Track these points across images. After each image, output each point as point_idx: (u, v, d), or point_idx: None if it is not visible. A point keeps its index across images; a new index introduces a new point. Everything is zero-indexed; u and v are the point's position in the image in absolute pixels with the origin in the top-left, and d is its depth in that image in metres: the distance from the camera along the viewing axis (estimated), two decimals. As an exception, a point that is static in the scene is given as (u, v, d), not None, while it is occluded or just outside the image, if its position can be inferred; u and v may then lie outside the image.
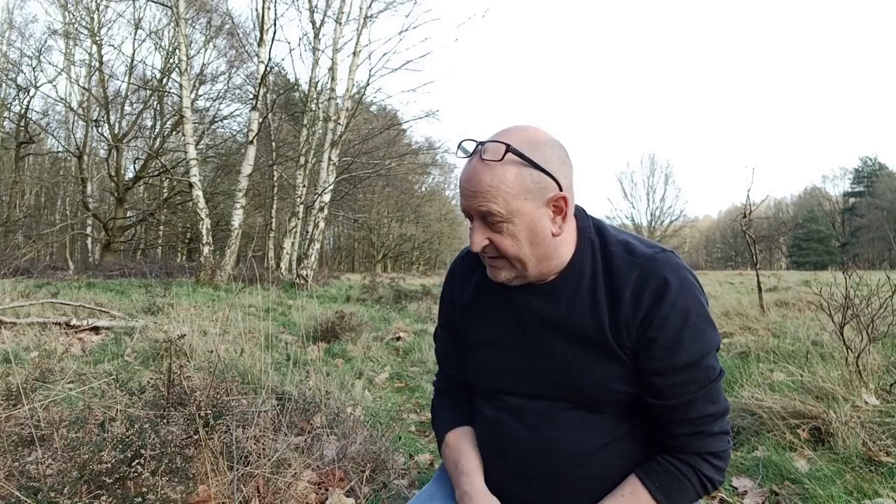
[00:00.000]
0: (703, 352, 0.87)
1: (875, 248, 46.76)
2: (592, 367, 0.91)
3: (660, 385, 0.88)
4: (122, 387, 1.97)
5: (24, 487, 1.36)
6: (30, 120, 19.15)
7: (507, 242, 0.88)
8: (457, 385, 1.13)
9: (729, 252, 57.06)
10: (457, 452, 1.03)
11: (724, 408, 0.91)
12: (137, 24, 20.08)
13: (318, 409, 2.28)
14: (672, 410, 0.89)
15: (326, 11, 14.00)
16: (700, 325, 0.87)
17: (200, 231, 11.56)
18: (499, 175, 0.84)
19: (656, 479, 0.90)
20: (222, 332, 4.05)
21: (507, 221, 0.86)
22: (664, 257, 0.90)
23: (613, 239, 0.94)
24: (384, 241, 35.84)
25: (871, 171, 52.47)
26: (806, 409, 2.38)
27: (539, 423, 0.95)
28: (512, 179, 0.84)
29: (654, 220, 52.27)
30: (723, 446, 0.91)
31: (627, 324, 0.88)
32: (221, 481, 1.65)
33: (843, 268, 3.49)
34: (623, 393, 0.91)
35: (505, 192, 0.84)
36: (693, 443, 0.90)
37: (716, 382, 0.89)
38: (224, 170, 21.85)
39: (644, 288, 0.87)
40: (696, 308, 0.87)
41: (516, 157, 0.84)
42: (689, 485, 0.90)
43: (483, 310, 1.03)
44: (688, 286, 0.88)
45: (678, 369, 0.87)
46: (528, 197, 0.85)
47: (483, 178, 0.85)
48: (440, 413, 1.13)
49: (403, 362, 4.57)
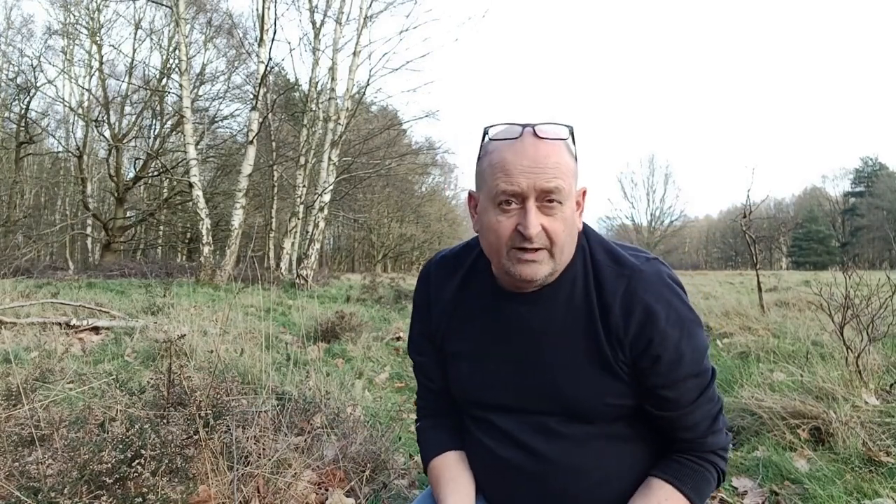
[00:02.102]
0: (701, 357, 0.89)
1: (875, 248, 46.79)
2: (587, 380, 0.89)
3: (669, 397, 0.88)
4: (122, 387, 1.97)
5: (24, 487, 1.37)
6: (30, 120, 19.15)
7: (559, 227, 0.83)
8: (439, 401, 1.07)
9: (729, 252, 57.03)
10: (436, 485, 0.99)
11: (721, 403, 0.95)
12: (137, 24, 20.11)
13: (318, 409, 2.28)
14: (681, 418, 0.90)
15: (326, 11, 14.01)
16: (693, 331, 0.88)
17: (200, 231, 11.56)
18: (562, 153, 0.83)
19: (688, 480, 0.91)
20: (222, 333, 4.05)
21: (564, 202, 0.83)
22: (649, 267, 0.88)
23: (600, 250, 0.92)
24: (384, 241, 35.83)
25: (872, 172, 52.46)
26: (806, 409, 2.38)
27: (532, 440, 0.92)
28: (568, 160, 0.84)
29: (654, 220, 52.32)
30: (728, 440, 0.96)
31: (619, 338, 0.86)
32: (221, 481, 1.65)
33: (844, 268, 3.49)
34: (619, 406, 0.90)
35: (566, 170, 0.83)
36: (707, 442, 0.92)
37: (713, 382, 0.92)
38: (224, 170, 21.86)
39: (633, 305, 0.85)
40: (686, 315, 0.88)
41: (571, 142, 0.86)
42: (713, 480, 0.93)
43: (464, 318, 0.97)
44: (674, 296, 0.88)
45: (684, 379, 0.87)
46: (574, 183, 0.85)
47: (550, 154, 0.82)
48: (421, 438, 1.08)
49: (403, 362, 4.57)
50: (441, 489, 0.97)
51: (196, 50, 20.03)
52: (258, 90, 12.10)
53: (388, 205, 32.48)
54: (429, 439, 1.06)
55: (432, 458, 1.03)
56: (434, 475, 1.01)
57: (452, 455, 1.02)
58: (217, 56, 21.88)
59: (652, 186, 52.65)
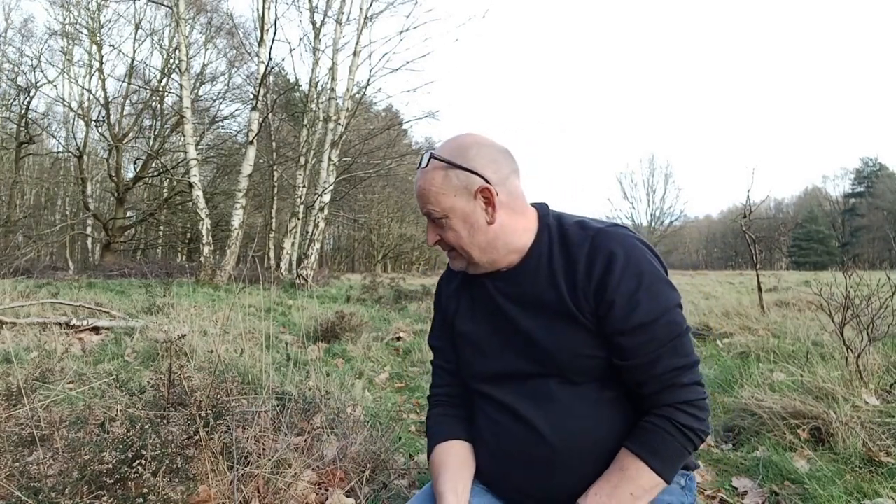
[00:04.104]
0: (661, 309, 0.91)
1: (875, 249, 46.75)
2: (558, 335, 0.96)
3: (624, 345, 0.92)
4: (123, 387, 1.97)
5: (24, 488, 1.37)
6: (30, 120, 19.15)
7: (450, 235, 1.00)
8: (453, 385, 1.16)
9: (729, 252, 56.96)
10: (436, 471, 1.05)
11: (692, 360, 0.94)
12: (138, 24, 20.12)
13: (318, 410, 2.28)
14: (639, 369, 0.92)
15: (327, 12, 14.01)
16: (656, 285, 0.92)
17: (200, 231, 11.56)
18: (429, 179, 0.98)
19: (637, 440, 0.92)
20: (222, 333, 4.05)
21: (445, 217, 0.99)
22: (615, 230, 0.98)
23: (570, 220, 1.04)
24: (384, 241, 35.83)
25: (872, 172, 52.47)
26: (806, 409, 2.38)
27: (522, 406, 1.00)
28: (440, 181, 0.97)
29: (654, 220, 52.29)
30: (696, 395, 0.93)
31: (584, 289, 0.94)
32: (221, 481, 1.65)
33: (844, 268, 3.49)
34: (593, 358, 0.95)
35: (435, 192, 0.97)
36: (663, 396, 0.92)
37: (681, 338, 0.93)
38: (224, 170, 21.87)
39: (596, 256, 0.94)
40: (648, 269, 0.93)
41: (441, 162, 0.97)
42: (670, 437, 0.91)
43: (465, 303, 1.12)
44: (637, 252, 0.94)
45: (638, 328, 0.91)
46: (457, 193, 0.97)
47: (419, 184, 1.00)
48: (430, 426, 1.15)
49: (403, 362, 4.57)
50: (439, 475, 1.04)
51: (196, 50, 20.08)
52: (258, 90, 12.11)
53: (388, 205, 32.48)
54: (436, 426, 1.13)
55: (435, 445, 1.10)
56: (435, 461, 1.08)
57: (455, 444, 1.08)
58: (217, 56, 21.97)
59: (652, 186, 52.66)
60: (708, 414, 0.94)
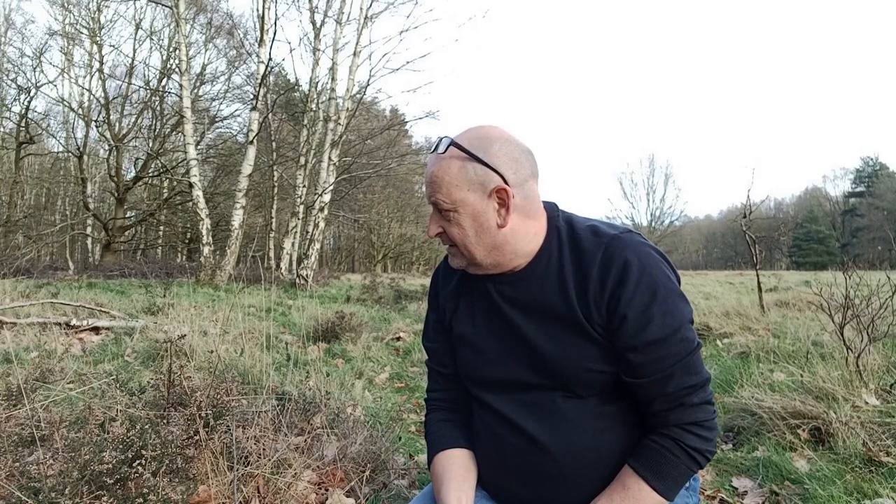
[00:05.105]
0: (675, 325, 0.88)
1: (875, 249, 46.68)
2: (566, 348, 0.92)
3: (636, 361, 0.89)
4: (123, 387, 1.97)
5: (24, 488, 1.37)
6: (30, 120, 19.14)
7: (455, 230, 0.94)
8: (450, 389, 1.12)
9: (729, 252, 56.96)
10: (439, 480, 1.02)
11: (703, 378, 0.90)
12: (138, 24, 20.11)
13: (318, 410, 2.28)
14: (650, 387, 0.89)
15: (327, 12, 14.00)
16: (670, 300, 0.88)
17: (200, 231, 11.55)
18: (444, 167, 0.91)
19: (642, 459, 0.90)
20: (222, 333, 4.05)
21: (453, 210, 0.92)
22: (629, 237, 0.93)
23: (581, 225, 0.98)
24: (384, 241, 35.81)
25: (872, 172, 52.45)
26: (806, 409, 2.38)
27: (525, 421, 0.96)
28: (455, 171, 0.91)
29: (654, 220, 52.27)
30: (705, 415, 0.90)
31: (596, 300, 0.90)
32: (221, 481, 1.65)
33: (844, 268, 3.49)
34: (600, 373, 0.92)
35: (448, 182, 0.91)
36: (672, 415, 0.90)
37: (692, 355, 0.89)
38: (224, 170, 21.84)
39: (610, 265, 0.89)
40: (663, 282, 0.89)
41: (460, 151, 0.91)
42: (675, 458, 0.89)
43: (464, 303, 1.06)
44: (652, 262, 0.90)
45: (651, 344, 0.87)
46: (471, 188, 0.91)
47: (432, 169, 0.93)
48: (429, 431, 1.12)
49: (403, 362, 4.57)
50: (442, 485, 1.00)
51: (196, 50, 20.05)
52: (258, 90, 12.10)
53: (388, 205, 32.46)
54: (436, 433, 1.09)
55: (437, 453, 1.06)
56: (437, 470, 1.04)
57: (457, 452, 1.05)
58: (217, 56, 21.96)
59: (652, 186, 52.65)
60: (715, 433, 0.91)
